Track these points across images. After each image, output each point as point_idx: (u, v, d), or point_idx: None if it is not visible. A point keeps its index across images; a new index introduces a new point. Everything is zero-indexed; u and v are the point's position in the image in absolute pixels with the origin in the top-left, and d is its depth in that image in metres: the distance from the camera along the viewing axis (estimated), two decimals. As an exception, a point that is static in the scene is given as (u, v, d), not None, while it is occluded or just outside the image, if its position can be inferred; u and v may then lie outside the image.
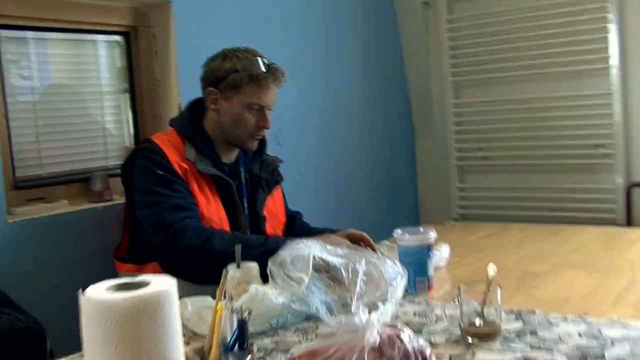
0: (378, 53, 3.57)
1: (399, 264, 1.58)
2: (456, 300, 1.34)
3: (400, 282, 1.52)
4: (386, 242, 2.01)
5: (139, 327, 0.79)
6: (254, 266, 1.55)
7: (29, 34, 2.18)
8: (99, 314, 0.80)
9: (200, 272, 1.76)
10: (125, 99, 2.46)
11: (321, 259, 1.54)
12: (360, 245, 1.88)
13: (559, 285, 1.67)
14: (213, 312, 1.05)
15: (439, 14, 3.68)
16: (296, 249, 1.54)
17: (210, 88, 1.94)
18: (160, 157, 1.84)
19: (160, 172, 1.81)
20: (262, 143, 2.08)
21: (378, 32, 3.57)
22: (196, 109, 2.00)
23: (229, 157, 2.01)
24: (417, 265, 1.66)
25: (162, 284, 0.83)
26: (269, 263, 1.53)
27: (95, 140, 2.37)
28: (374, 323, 1.20)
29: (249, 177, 2.05)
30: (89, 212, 2.14)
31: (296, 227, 2.20)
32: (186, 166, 1.86)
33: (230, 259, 1.60)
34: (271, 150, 2.83)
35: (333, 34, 3.25)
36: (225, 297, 1.13)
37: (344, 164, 3.35)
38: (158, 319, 0.80)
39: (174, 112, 2.42)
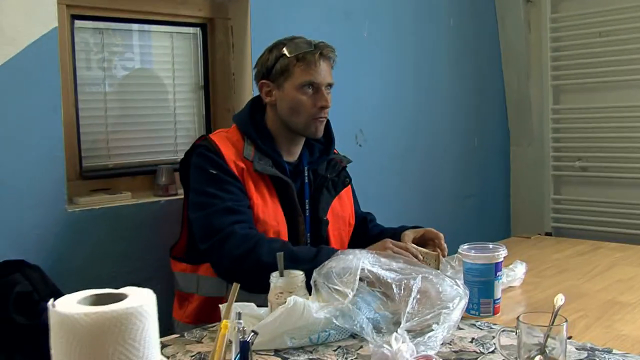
0: (474, 52, 3.36)
1: (460, 283, 1.42)
2: (516, 332, 1.17)
3: (458, 304, 1.36)
4: (457, 255, 1.84)
5: (103, 348, 0.69)
6: (299, 275, 1.44)
7: (104, 24, 2.16)
8: (62, 329, 0.71)
9: (246, 281, 1.67)
10: (199, 92, 2.41)
11: (371, 272, 1.41)
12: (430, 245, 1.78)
13: (648, 320, 1.45)
14: (218, 329, 0.94)
15: (542, 12, 3.42)
16: (344, 260, 1.41)
17: (262, 81, 1.86)
18: (215, 156, 1.76)
19: (214, 172, 1.73)
20: (329, 141, 1.96)
21: (475, 30, 3.36)
22: (258, 106, 1.91)
23: (292, 155, 1.91)
24: (482, 285, 1.50)
25: (137, 299, 0.73)
26: (314, 273, 1.41)
27: (166, 133, 2.33)
28: (403, 354, 1.06)
29: (313, 177, 1.93)
30: (151, 205, 2.10)
31: (370, 230, 2.07)
32: (243, 165, 1.78)
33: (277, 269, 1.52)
34: (351, 151, 2.73)
35: (424, 30, 3.08)
36: (236, 314, 1.01)
37: (431, 168, 3.17)
38: (127, 340, 0.70)
39: (246, 107, 2.35)
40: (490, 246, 1.55)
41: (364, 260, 1.42)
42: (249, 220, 1.71)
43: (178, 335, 1.43)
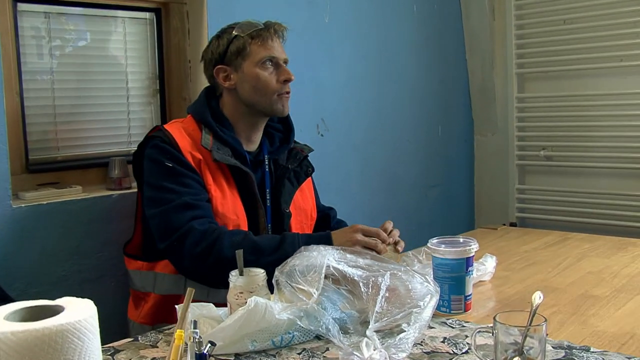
0: (437, 40, 3.29)
1: (431, 280, 1.35)
2: (492, 332, 1.10)
3: (429, 303, 1.29)
4: (425, 248, 1.77)
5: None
6: (259, 273, 1.35)
7: (50, 8, 2.03)
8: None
9: (210, 278, 1.62)
10: (154, 80, 2.29)
11: (336, 269, 1.33)
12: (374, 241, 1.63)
13: (624, 315, 1.40)
14: (172, 339, 0.85)
15: (507, 0, 3.37)
16: (308, 257, 1.33)
17: (218, 66, 1.78)
18: (170, 147, 1.67)
19: (170, 164, 1.64)
20: (288, 130, 1.89)
21: (438, 17, 3.29)
22: (212, 94, 1.82)
23: (252, 144, 1.82)
24: (453, 281, 1.44)
25: (75, 313, 0.63)
26: (276, 272, 1.33)
27: (119, 123, 2.21)
28: (375, 361, 0.99)
29: (274, 168, 1.85)
30: (103, 199, 1.98)
31: (332, 229, 1.99)
32: (200, 156, 1.69)
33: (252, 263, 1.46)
34: (312, 141, 2.64)
35: (387, 17, 3.00)
36: (191, 323, 0.92)
37: (395, 158, 3.10)
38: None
39: (204, 96, 2.24)
40: (461, 240, 1.48)
41: (329, 257, 1.34)
42: (208, 215, 1.63)
43: (131, 340, 1.33)
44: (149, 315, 1.77)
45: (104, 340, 1.60)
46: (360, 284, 1.30)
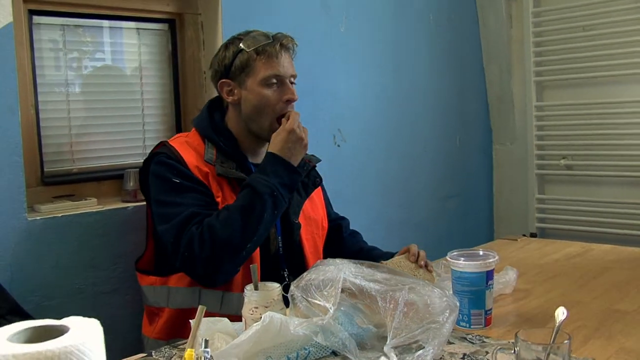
0: (454, 48, 3.26)
1: (450, 294, 1.32)
2: (514, 349, 1.06)
3: (449, 318, 1.25)
4: (443, 260, 1.74)
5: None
6: (275, 287, 1.32)
7: (66, 20, 2.03)
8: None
9: (222, 271, 1.60)
10: (169, 91, 2.28)
11: (353, 284, 1.30)
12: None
13: (651, 330, 1.35)
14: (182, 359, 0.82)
15: (524, 7, 3.34)
16: (324, 271, 1.30)
17: (222, 80, 1.74)
18: (176, 162, 1.65)
19: (177, 180, 1.63)
20: None
21: (455, 25, 3.26)
22: (217, 106, 1.80)
23: (258, 156, 1.79)
24: (473, 295, 1.40)
25: (80, 334, 0.61)
26: (292, 286, 1.30)
27: (134, 135, 2.20)
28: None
29: None
30: (118, 212, 1.96)
31: (346, 241, 1.96)
32: (207, 169, 1.67)
33: (242, 234, 1.54)
34: (329, 151, 2.62)
35: (403, 25, 2.97)
36: (202, 342, 0.89)
37: (412, 168, 3.07)
38: (65, 384, 0.58)
39: (219, 107, 2.23)
40: (481, 253, 1.45)
41: (345, 271, 1.31)
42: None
43: (145, 355, 1.31)
44: (163, 331, 1.74)
45: (119, 354, 1.60)
46: (378, 299, 1.27)
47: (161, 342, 1.69)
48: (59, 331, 0.64)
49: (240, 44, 1.71)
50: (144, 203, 2.02)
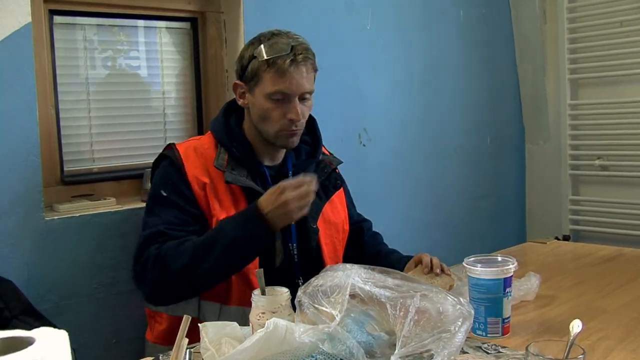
0: (486, 45, 3.19)
1: (465, 302, 1.26)
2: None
3: (461, 327, 1.20)
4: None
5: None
6: (283, 292, 1.29)
7: (86, 20, 2.03)
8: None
9: (173, 296, 1.59)
10: (190, 90, 2.27)
11: (362, 290, 1.25)
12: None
13: (680, 344, 1.28)
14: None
15: (558, 2, 3.25)
16: (332, 277, 1.26)
17: (236, 82, 1.69)
18: (176, 172, 1.62)
19: (164, 194, 1.61)
20: (316, 141, 1.80)
21: (487, 22, 3.18)
22: (234, 109, 1.75)
23: (275, 158, 1.74)
24: (489, 302, 1.34)
25: (44, 348, 0.58)
26: (299, 292, 1.27)
27: (155, 134, 2.19)
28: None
29: None
30: (137, 211, 1.94)
31: (366, 244, 1.91)
32: (207, 180, 1.62)
33: (193, 269, 1.49)
34: (354, 151, 2.58)
35: (432, 22, 2.91)
36: (186, 354, 0.86)
37: (441, 168, 3.01)
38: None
39: (241, 106, 2.21)
40: (499, 259, 1.39)
41: (354, 277, 1.27)
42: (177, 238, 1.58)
43: (152, 359, 1.29)
44: (162, 336, 1.72)
45: (135, 355, 1.59)
46: (388, 306, 1.23)
47: (159, 347, 1.68)
48: (25, 343, 0.62)
49: (258, 48, 1.62)
50: (163, 203, 2.02)
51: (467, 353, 1.25)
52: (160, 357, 1.29)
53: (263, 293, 1.28)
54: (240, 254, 1.53)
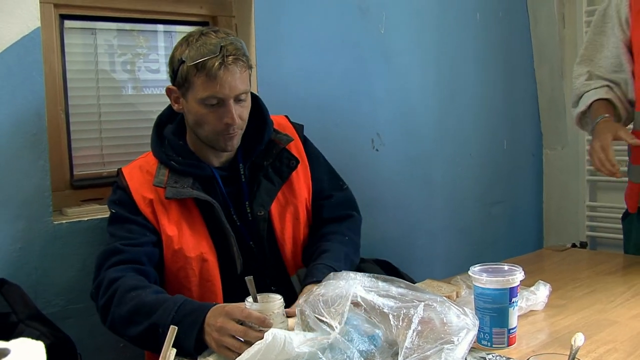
0: (503, 49, 3.15)
1: (470, 312, 1.24)
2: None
3: (464, 338, 1.18)
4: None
5: None
6: (276, 299, 1.28)
7: (97, 24, 2.03)
8: None
9: (116, 328, 1.51)
10: (202, 94, 2.26)
11: (365, 300, 1.24)
12: None
13: (690, 358, 1.25)
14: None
15: (577, 6, 3.20)
16: (335, 286, 1.25)
17: (169, 86, 1.63)
18: (122, 192, 1.63)
19: (113, 210, 1.62)
20: (262, 126, 1.70)
21: (504, 25, 3.14)
22: (167, 119, 1.72)
23: (223, 157, 1.68)
24: (495, 312, 1.32)
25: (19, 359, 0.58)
26: (300, 300, 1.25)
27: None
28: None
29: (249, 173, 1.69)
30: (145, 217, 1.95)
31: (312, 230, 1.78)
32: (152, 196, 1.60)
33: (124, 326, 1.45)
34: (367, 156, 2.56)
35: (448, 25, 2.88)
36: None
37: (456, 173, 2.97)
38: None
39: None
40: (505, 268, 1.37)
41: (357, 286, 1.25)
42: (135, 259, 1.54)
43: None
44: None
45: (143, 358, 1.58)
46: (390, 317, 1.21)
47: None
48: (1, 354, 0.61)
49: (185, 53, 1.54)
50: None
51: (471, 364, 1.23)
52: None
53: (255, 300, 1.27)
54: (161, 341, 1.17)
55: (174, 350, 0.84)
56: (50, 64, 1.88)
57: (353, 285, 1.25)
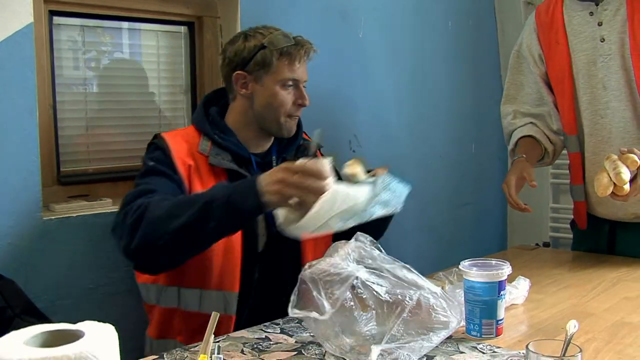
0: (472, 56, 3.25)
1: (456, 311, 1.30)
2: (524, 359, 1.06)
3: (438, 334, 1.25)
4: (455, 269, 1.74)
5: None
6: (327, 159, 1.38)
7: (85, 21, 2.05)
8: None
9: (150, 250, 1.48)
10: (186, 93, 2.29)
11: (364, 284, 1.28)
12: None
13: (662, 345, 1.35)
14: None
15: (542, 16, 3.32)
16: (335, 265, 1.29)
17: (237, 72, 1.74)
18: (161, 152, 1.67)
19: (151, 163, 1.65)
20: (298, 126, 1.86)
21: (474, 34, 3.25)
22: (212, 102, 1.83)
23: (261, 146, 1.82)
24: (484, 305, 1.39)
25: (95, 339, 0.62)
26: (305, 267, 1.29)
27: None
28: None
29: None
30: (132, 213, 1.98)
31: None
32: (192, 162, 1.67)
33: (168, 221, 1.42)
34: (344, 157, 2.61)
35: (422, 32, 2.97)
36: (215, 348, 0.90)
37: (428, 175, 3.06)
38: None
39: (235, 110, 2.24)
40: (493, 262, 1.45)
41: (360, 271, 1.29)
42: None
43: (156, 357, 1.32)
44: (155, 331, 1.76)
45: (131, 355, 1.61)
46: (385, 303, 1.26)
47: (155, 341, 1.71)
48: (75, 336, 0.65)
49: (264, 41, 1.72)
50: (158, 204, 2.04)
51: (464, 353, 1.30)
52: (165, 356, 1.32)
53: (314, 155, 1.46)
54: (217, 216, 1.39)
55: (212, 336, 0.88)
56: (40, 60, 1.89)
57: (356, 269, 1.28)
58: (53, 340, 0.65)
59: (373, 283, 1.29)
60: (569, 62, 2.07)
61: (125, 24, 2.14)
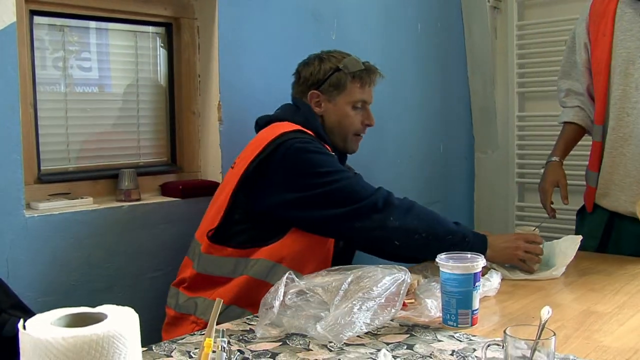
0: (440, 58, 3.34)
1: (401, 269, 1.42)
2: (502, 344, 1.13)
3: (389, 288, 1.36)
4: (429, 263, 1.82)
5: (80, 373, 0.62)
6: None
7: (65, 21, 2.07)
8: (35, 353, 0.63)
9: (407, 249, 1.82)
10: (164, 93, 2.33)
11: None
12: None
13: (627, 331, 1.43)
14: (200, 349, 0.87)
15: (508, 19, 3.43)
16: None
17: (312, 91, 1.94)
18: (316, 142, 1.80)
19: (324, 151, 1.79)
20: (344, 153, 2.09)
21: (442, 36, 3.34)
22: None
23: None
24: (460, 295, 1.46)
25: (119, 321, 0.66)
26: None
27: (129, 135, 2.24)
28: None
29: None
30: (113, 211, 2.01)
31: None
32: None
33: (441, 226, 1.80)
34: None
35: (392, 34, 3.04)
36: (220, 331, 0.94)
37: (397, 174, 3.13)
38: (107, 364, 0.63)
39: (213, 110, 2.28)
40: (469, 256, 1.52)
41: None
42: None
43: (144, 349, 1.35)
44: (234, 297, 1.77)
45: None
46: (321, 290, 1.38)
47: (234, 307, 1.75)
48: (97, 318, 0.69)
49: (340, 65, 1.93)
50: (139, 203, 2.08)
51: (442, 341, 1.37)
52: (153, 348, 1.36)
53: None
54: (458, 245, 1.73)
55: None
56: (21, 58, 1.90)
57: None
58: (77, 321, 0.70)
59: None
60: (609, 56, 2.16)
61: (104, 25, 2.16)
